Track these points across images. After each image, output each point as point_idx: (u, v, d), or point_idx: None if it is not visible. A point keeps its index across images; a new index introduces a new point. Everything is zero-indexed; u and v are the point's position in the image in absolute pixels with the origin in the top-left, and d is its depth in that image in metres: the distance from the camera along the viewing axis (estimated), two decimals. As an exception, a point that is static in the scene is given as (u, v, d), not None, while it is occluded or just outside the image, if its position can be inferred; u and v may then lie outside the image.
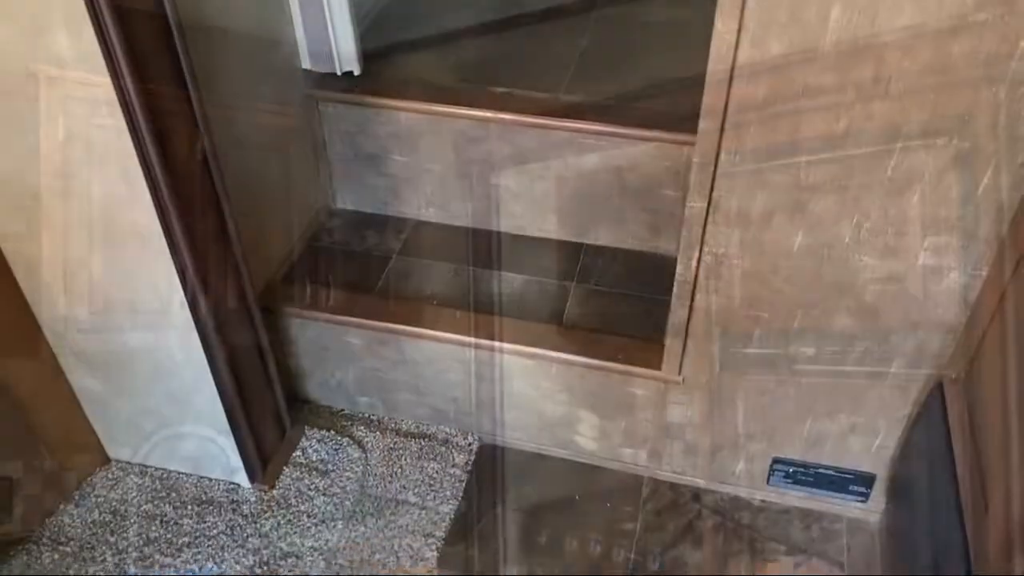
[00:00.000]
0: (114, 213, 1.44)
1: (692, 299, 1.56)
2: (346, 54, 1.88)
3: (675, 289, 1.56)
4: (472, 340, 1.77)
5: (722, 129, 1.33)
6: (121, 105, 1.26)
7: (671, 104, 1.88)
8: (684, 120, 1.80)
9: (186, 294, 1.52)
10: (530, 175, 1.92)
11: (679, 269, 1.53)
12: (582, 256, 1.98)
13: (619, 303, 1.86)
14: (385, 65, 2.02)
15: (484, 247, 2.00)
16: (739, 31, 1.23)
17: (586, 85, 1.94)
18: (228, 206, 1.55)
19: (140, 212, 1.40)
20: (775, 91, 1.27)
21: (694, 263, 1.51)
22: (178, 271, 1.48)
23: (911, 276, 1.42)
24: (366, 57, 1.94)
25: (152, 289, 1.54)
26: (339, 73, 1.90)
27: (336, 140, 1.98)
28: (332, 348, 1.89)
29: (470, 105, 1.86)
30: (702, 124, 1.34)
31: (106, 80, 1.24)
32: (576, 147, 1.84)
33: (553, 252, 1.98)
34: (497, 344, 1.76)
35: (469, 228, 2.04)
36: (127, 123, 1.28)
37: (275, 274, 1.93)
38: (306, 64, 1.89)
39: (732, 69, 1.26)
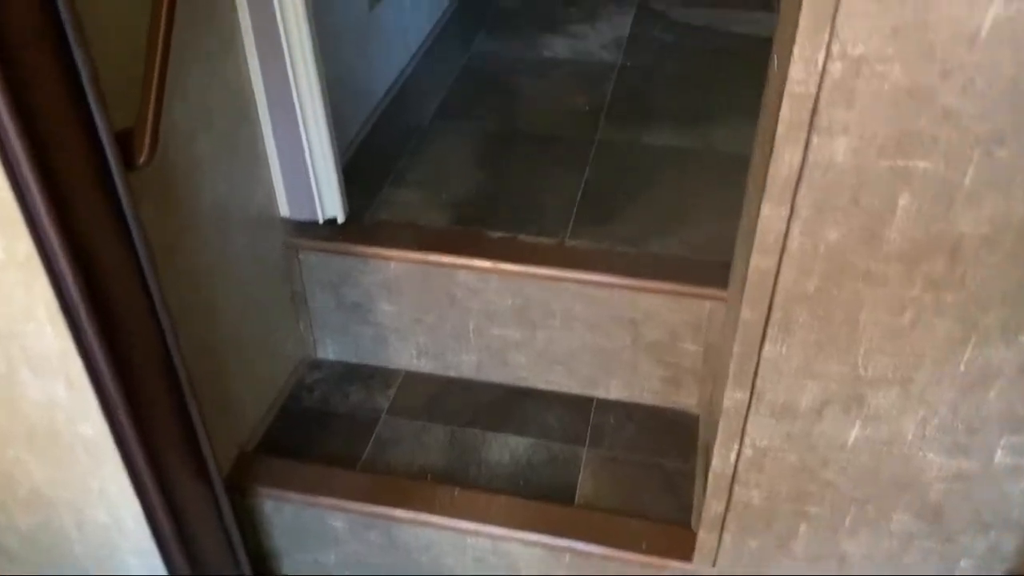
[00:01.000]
0: (55, 417, 1.22)
1: (730, 493, 1.36)
2: (329, 200, 1.70)
3: (711, 481, 1.36)
4: (473, 526, 1.56)
5: (767, 320, 1.15)
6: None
7: (687, 247, 1.71)
8: (702, 268, 1.64)
9: (140, 500, 1.30)
10: (534, 324, 1.73)
11: (715, 462, 1.33)
12: (593, 413, 1.78)
13: (638, 473, 1.66)
14: (371, 205, 1.85)
15: (483, 403, 1.80)
16: (790, 217, 1.06)
17: (593, 226, 1.77)
18: (190, 390, 1.34)
19: (86, 420, 1.19)
20: (830, 279, 1.10)
21: (733, 456, 1.31)
22: (130, 477, 1.27)
23: (984, 475, 1.24)
24: (350, 192, 1.76)
25: (101, 496, 1.32)
26: (321, 221, 1.72)
27: (317, 290, 1.79)
28: (311, 530, 1.66)
29: (467, 254, 1.68)
30: (744, 313, 1.16)
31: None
32: (585, 298, 1.66)
33: (561, 409, 1.78)
34: (502, 531, 1.55)
35: (466, 380, 1.84)
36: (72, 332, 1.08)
37: (247, 443, 1.71)
38: (284, 212, 1.71)
39: (780, 259, 1.09)
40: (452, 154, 2.03)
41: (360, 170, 1.95)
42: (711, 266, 1.62)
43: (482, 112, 2.18)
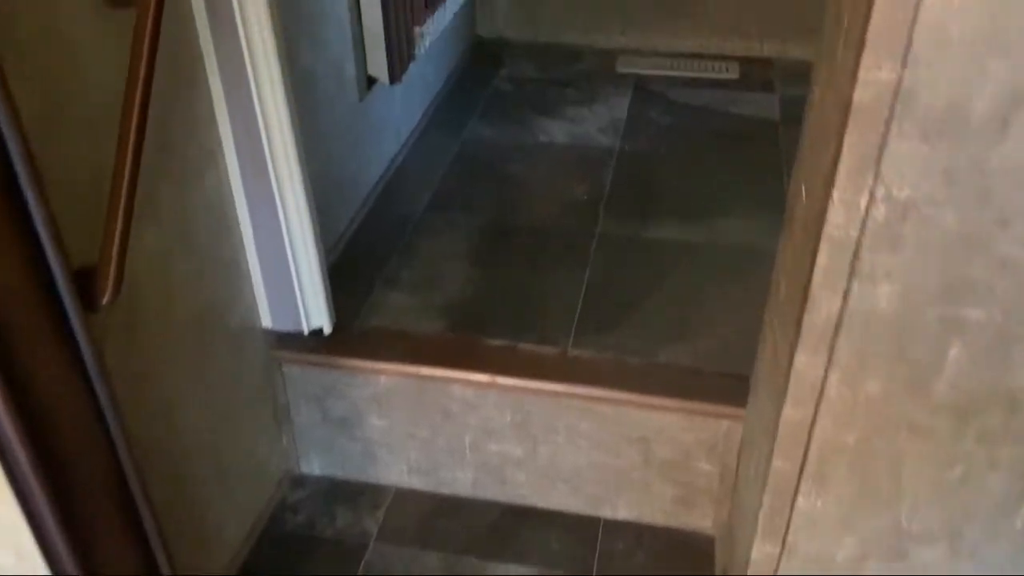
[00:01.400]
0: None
1: (759, 650, 1.23)
2: (314, 310, 1.59)
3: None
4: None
5: (801, 472, 1.04)
6: None
7: (699, 356, 1.60)
8: (716, 383, 1.53)
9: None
10: (535, 440, 1.61)
11: (742, 618, 1.20)
12: (600, 536, 1.64)
13: (650, 607, 1.52)
14: (360, 310, 1.74)
15: (480, 526, 1.66)
16: (827, 367, 0.95)
17: (597, 333, 1.66)
18: (158, 541, 1.20)
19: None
20: (871, 431, 0.99)
21: (761, 612, 1.19)
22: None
23: (1043, 636, 1.11)
24: (337, 295, 1.64)
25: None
26: (306, 332, 1.60)
27: (302, 403, 1.67)
28: (295, 675, 1.51)
29: (463, 366, 1.57)
30: (776, 463, 1.04)
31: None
32: (592, 414, 1.55)
33: (564, 531, 1.65)
34: None
35: (461, 499, 1.71)
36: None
37: (226, 571, 1.57)
38: (267, 323, 1.59)
39: (816, 410, 0.98)
40: (446, 250, 1.92)
41: (348, 270, 1.84)
42: (726, 380, 1.51)
43: (476, 202, 2.09)
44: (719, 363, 1.57)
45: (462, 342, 1.65)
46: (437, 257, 1.90)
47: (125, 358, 1.20)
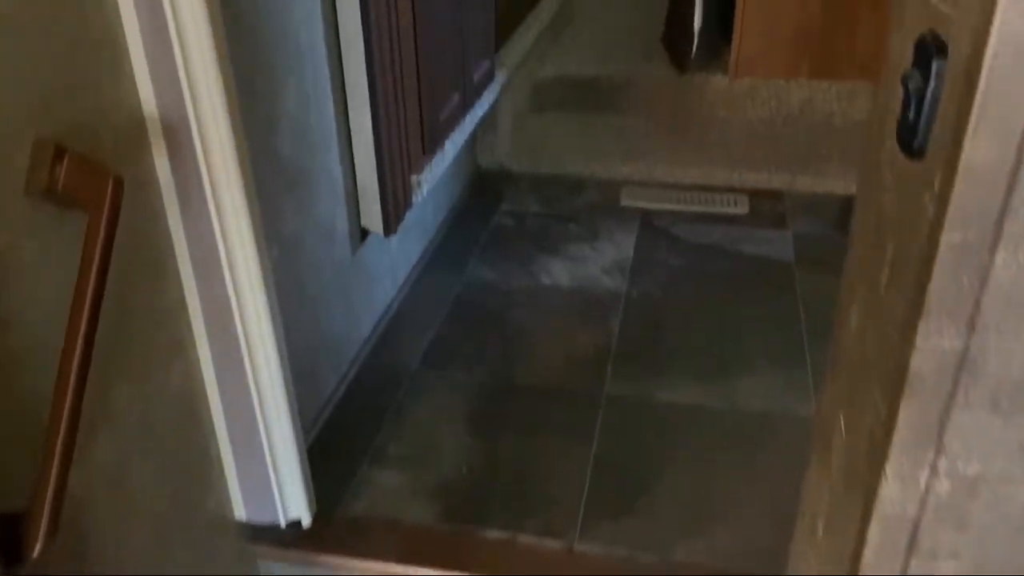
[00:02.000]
0: None
1: None
2: (292, 500, 1.44)
3: None
4: None
5: None
6: None
7: (720, 554, 1.44)
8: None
9: None
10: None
11: None
12: None
13: None
14: (345, 492, 1.59)
15: None
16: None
17: (607, 521, 1.51)
18: None
19: None
20: None
21: None
22: None
23: None
24: (321, 473, 1.50)
25: None
26: (283, 525, 1.45)
27: (278, 602, 1.50)
28: None
29: (457, 565, 1.41)
30: None
31: None
32: (599, 622, 1.38)
33: None
34: None
35: None
36: None
37: None
38: (241, 515, 1.44)
39: None
40: (440, 417, 1.78)
41: (333, 444, 1.70)
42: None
43: (475, 358, 1.96)
44: (744, 562, 1.41)
45: (456, 535, 1.49)
46: (431, 425, 1.76)
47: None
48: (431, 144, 2.02)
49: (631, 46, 3.37)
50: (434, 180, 2.07)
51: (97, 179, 0.95)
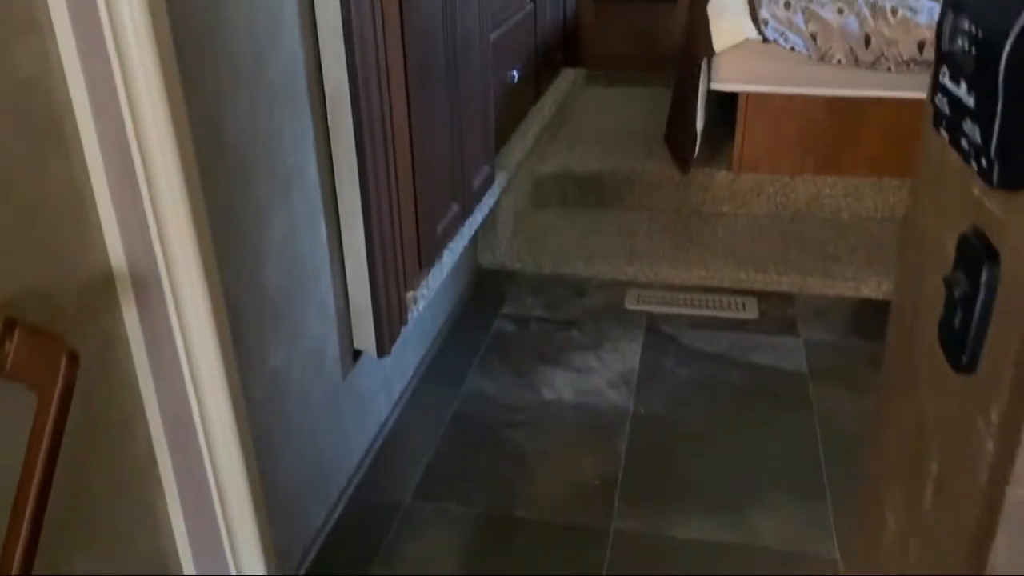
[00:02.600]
0: None
1: None
2: (271, 668, 1.32)
3: None
4: None
5: None
6: None
7: None
8: None
9: None
10: None
11: None
12: None
13: None
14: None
15: None
16: None
17: None
18: None
19: None
20: None
21: None
22: None
23: None
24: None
25: None
26: None
27: None
28: None
29: None
30: None
31: None
32: None
33: None
34: None
35: None
36: None
37: None
38: None
39: None
40: (435, 554, 1.67)
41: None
42: None
43: (472, 487, 1.85)
44: None
45: None
46: (424, 564, 1.64)
47: None
48: (428, 258, 1.95)
49: (632, 143, 3.33)
50: (431, 295, 1.99)
51: (49, 354, 0.87)
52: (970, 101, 0.55)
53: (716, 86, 2.76)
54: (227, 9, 1.23)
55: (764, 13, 2.67)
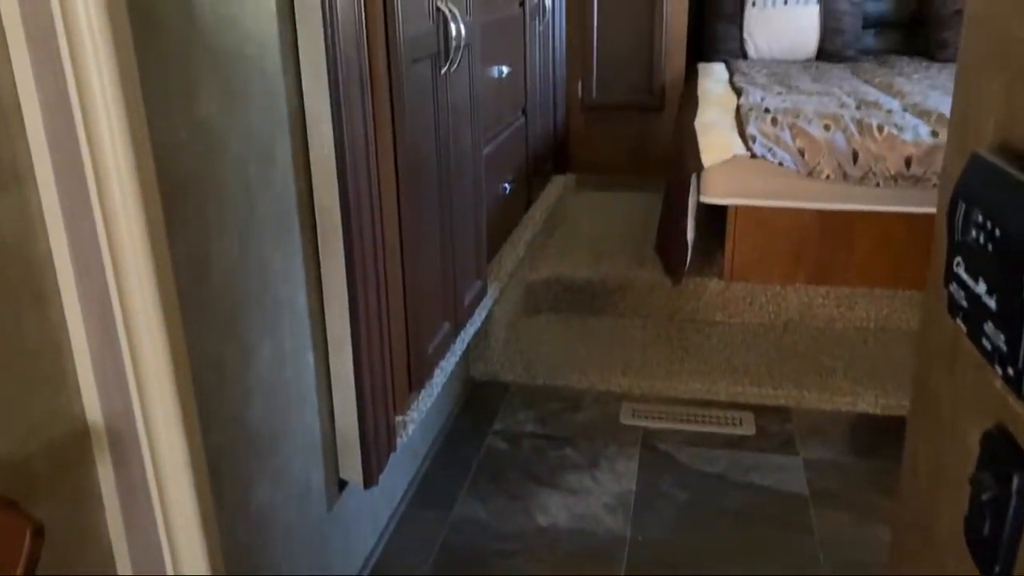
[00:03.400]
0: None
1: None
2: None
3: None
4: None
5: None
6: None
7: None
8: None
9: None
10: None
11: None
12: None
13: None
14: None
15: None
16: None
17: None
18: None
19: None
20: None
21: None
22: None
23: None
24: None
25: None
26: None
27: None
28: None
29: None
30: None
31: None
32: None
33: None
34: None
35: None
36: None
37: None
38: None
39: None
40: None
41: None
42: None
43: (464, 624, 1.76)
44: None
45: None
46: None
47: None
48: (418, 380, 1.91)
49: (623, 249, 3.34)
50: (421, 417, 1.94)
51: (11, 531, 0.81)
52: (991, 303, 0.53)
53: (706, 199, 2.79)
54: (217, 146, 1.22)
55: (751, 129, 2.71)
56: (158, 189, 0.99)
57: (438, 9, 1.87)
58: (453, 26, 1.89)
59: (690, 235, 2.78)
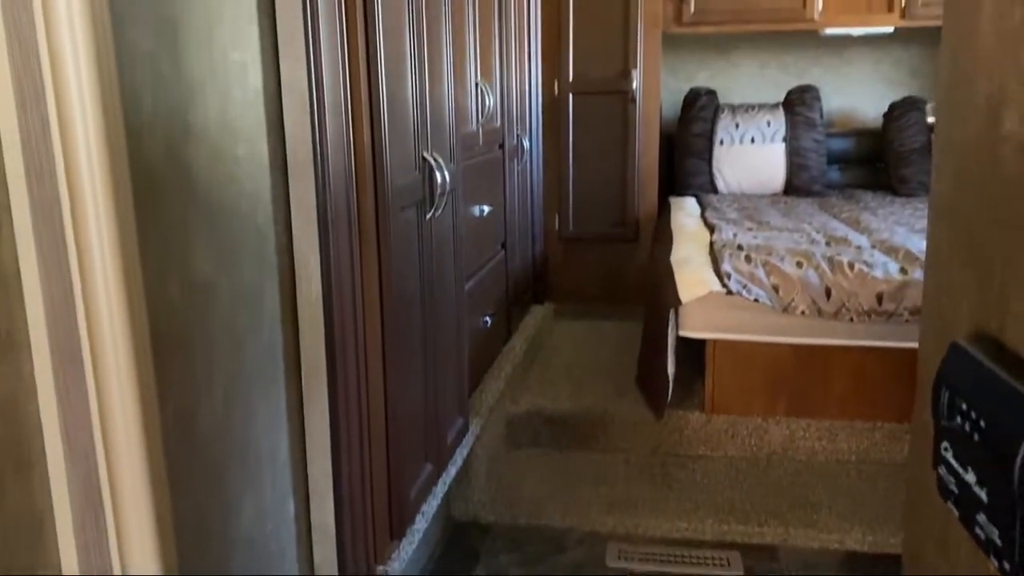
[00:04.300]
0: None
1: None
2: None
3: None
4: None
5: None
6: None
7: None
8: None
9: None
10: None
11: None
12: None
13: None
14: None
15: None
16: None
17: None
18: None
19: None
20: None
21: None
22: None
23: None
24: None
25: None
26: None
27: None
28: None
29: None
30: None
31: None
32: None
33: None
34: None
35: None
36: None
37: None
38: None
39: None
40: None
41: None
42: None
43: None
44: None
45: None
46: None
47: None
48: (400, 528, 1.86)
49: (602, 380, 3.35)
50: (402, 567, 1.88)
51: None
52: (982, 495, 0.54)
53: (684, 334, 2.83)
54: (210, 302, 1.23)
55: (726, 267, 2.79)
56: (150, 349, 1.00)
57: (424, 159, 1.94)
58: (438, 175, 1.96)
59: (671, 369, 2.80)
